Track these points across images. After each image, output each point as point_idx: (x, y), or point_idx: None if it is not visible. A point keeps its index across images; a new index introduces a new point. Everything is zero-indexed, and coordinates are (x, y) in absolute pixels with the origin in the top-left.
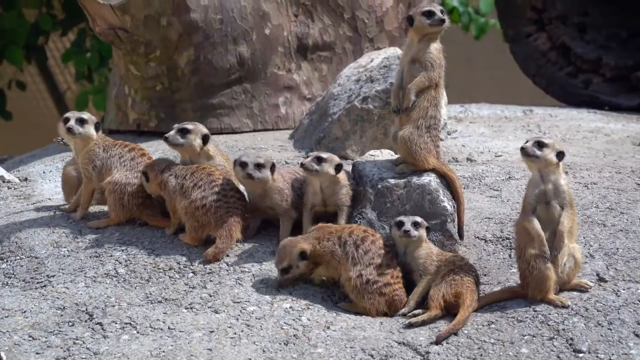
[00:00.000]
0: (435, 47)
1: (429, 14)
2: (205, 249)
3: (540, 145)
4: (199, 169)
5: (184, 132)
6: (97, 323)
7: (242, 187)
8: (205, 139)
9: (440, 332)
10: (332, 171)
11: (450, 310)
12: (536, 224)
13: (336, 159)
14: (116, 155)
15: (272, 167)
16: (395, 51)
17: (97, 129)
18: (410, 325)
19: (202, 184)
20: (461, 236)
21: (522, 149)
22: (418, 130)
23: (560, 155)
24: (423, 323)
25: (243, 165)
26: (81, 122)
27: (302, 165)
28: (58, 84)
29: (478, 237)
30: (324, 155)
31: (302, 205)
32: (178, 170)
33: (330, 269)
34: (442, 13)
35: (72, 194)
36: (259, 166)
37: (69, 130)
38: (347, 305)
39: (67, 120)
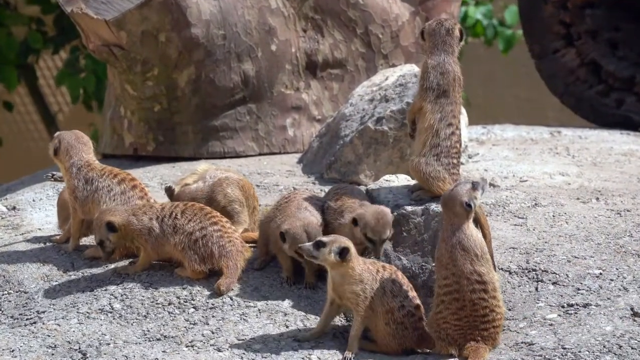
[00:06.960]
0: (431, 64)
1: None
2: (207, 283)
3: None
4: (188, 207)
5: None
6: None
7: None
8: None
9: None
10: None
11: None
12: None
13: None
14: (104, 188)
15: None
16: (411, 68)
17: None
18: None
19: (197, 218)
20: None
21: None
22: (425, 157)
23: None
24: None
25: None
26: None
27: None
28: (49, 106)
29: (502, 269)
30: None
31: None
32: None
33: None
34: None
35: (67, 221)
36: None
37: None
38: (367, 345)
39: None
